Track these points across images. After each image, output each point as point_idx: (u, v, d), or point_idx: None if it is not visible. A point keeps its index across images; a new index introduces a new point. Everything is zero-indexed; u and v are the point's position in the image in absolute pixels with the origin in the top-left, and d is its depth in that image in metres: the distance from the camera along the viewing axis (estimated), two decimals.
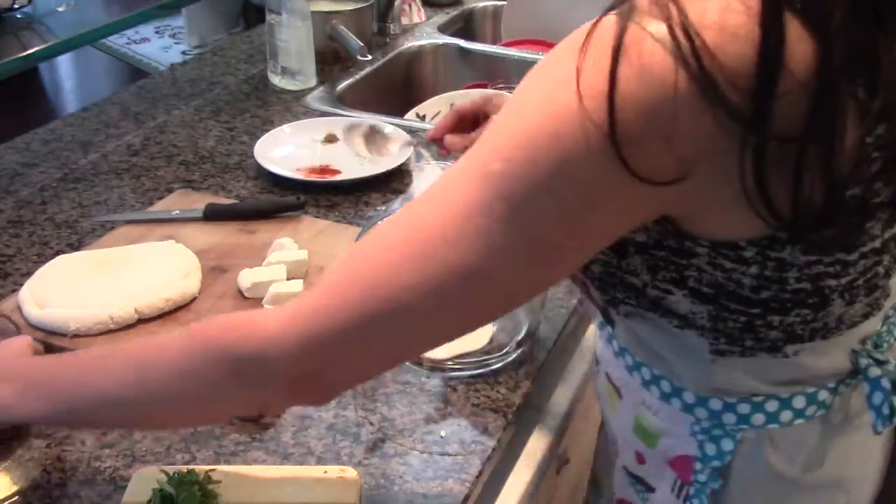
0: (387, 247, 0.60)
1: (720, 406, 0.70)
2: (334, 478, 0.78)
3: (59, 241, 1.16)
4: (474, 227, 0.56)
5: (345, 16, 1.79)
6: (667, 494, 0.77)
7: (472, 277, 0.57)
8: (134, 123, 1.51)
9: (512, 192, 0.55)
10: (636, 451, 0.79)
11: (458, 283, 0.58)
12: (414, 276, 0.58)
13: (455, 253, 0.57)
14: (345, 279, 0.62)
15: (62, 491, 0.79)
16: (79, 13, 1.88)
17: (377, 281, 0.59)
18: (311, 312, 0.62)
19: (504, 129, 0.58)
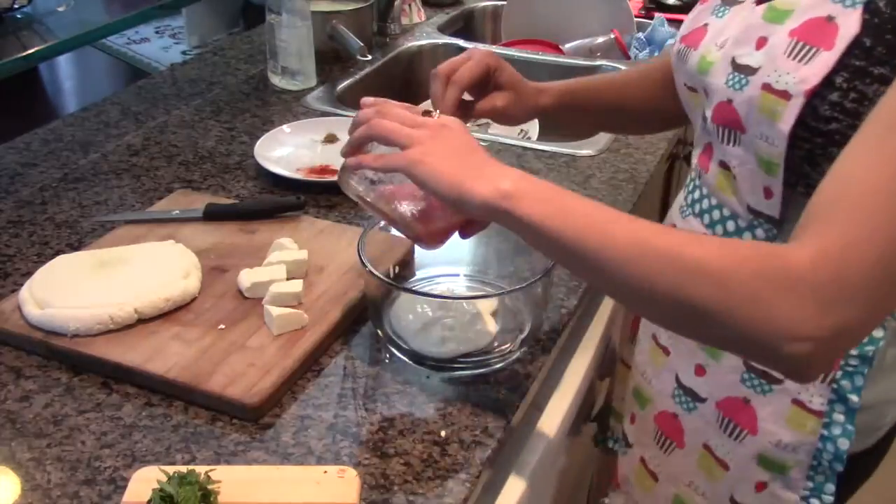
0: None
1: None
2: (334, 478, 0.78)
3: (59, 241, 1.16)
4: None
5: (345, 16, 1.79)
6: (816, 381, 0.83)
7: None
8: (134, 123, 1.51)
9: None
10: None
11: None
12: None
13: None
14: (866, 219, 0.63)
15: (62, 491, 0.79)
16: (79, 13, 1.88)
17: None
18: (841, 253, 0.63)
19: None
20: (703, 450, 0.95)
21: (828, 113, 0.73)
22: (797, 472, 0.88)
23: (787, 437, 0.87)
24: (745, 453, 0.90)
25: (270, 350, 0.93)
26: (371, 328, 1.01)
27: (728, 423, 0.91)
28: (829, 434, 0.85)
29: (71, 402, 0.89)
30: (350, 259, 1.08)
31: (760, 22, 0.80)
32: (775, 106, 0.76)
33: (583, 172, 1.36)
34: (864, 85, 0.72)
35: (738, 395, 0.90)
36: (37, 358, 0.95)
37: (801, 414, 0.86)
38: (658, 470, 1.03)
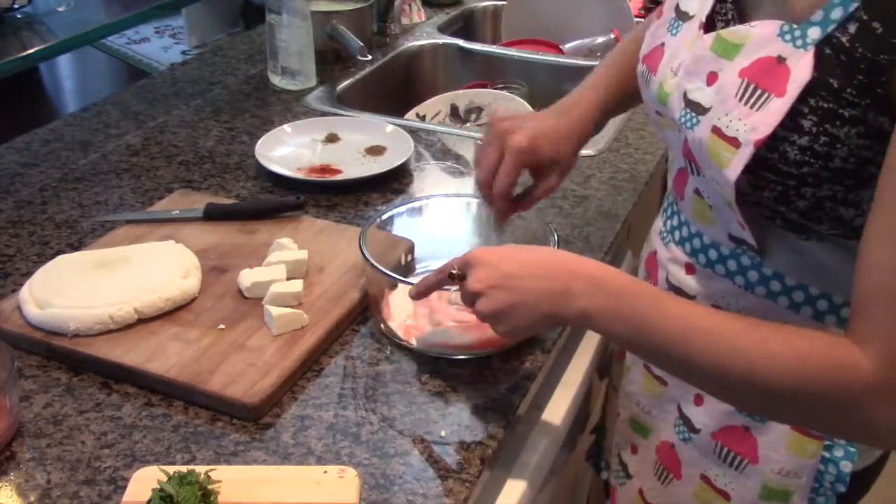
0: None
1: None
2: (334, 478, 0.78)
3: (59, 241, 1.16)
4: None
5: (345, 16, 1.79)
6: None
7: None
8: (134, 123, 1.51)
9: None
10: None
11: None
12: None
13: None
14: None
15: (62, 491, 0.79)
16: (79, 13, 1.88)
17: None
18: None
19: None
20: (701, 481, 0.93)
21: (798, 157, 0.72)
22: (799, 496, 0.87)
23: (788, 463, 0.86)
24: (748, 483, 0.89)
25: (270, 350, 0.93)
26: (371, 328, 1.01)
27: (727, 453, 0.90)
28: (830, 456, 0.84)
29: (71, 402, 0.89)
30: (350, 259, 1.08)
31: (710, 55, 0.78)
32: (723, 152, 0.75)
33: (583, 172, 1.36)
34: (835, 128, 0.70)
35: (737, 423, 0.89)
36: (37, 358, 0.95)
37: (801, 439, 0.85)
38: (656, 502, 1.01)
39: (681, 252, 0.91)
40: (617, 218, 1.25)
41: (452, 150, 1.45)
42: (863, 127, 0.69)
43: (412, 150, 1.37)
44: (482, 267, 0.80)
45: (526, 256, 0.81)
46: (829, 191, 0.73)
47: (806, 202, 0.74)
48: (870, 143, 0.69)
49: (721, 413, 0.89)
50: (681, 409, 0.94)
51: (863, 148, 0.70)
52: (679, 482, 0.96)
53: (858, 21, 0.67)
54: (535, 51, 1.92)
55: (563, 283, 0.77)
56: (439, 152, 1.45)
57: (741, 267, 0.84)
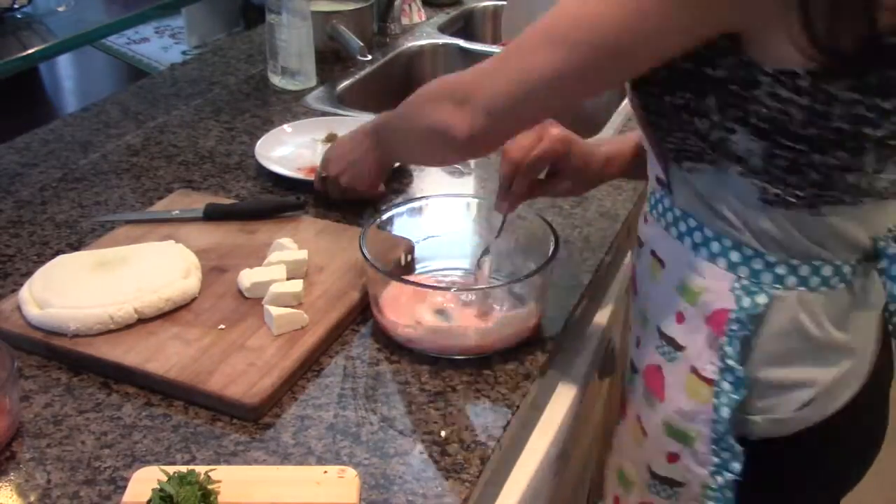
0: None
1: (761, 266, 0.83)
2: (334, 478, 0.78)
3: (59, 241, 1.16)
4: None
5: (345, 16, 1.79)
6: (700, 347, 0.87)
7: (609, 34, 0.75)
8: (134, 123, 1.51)
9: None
10: (677, 311, 0.89)
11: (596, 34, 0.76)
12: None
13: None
14: (502, 54, 0.85)
15: (62, 491, 0.79)
16: (79, 13, 1.88)
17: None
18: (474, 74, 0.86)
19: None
20: (635, 420, 0.97)
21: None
22: (701, 444, 0.88)
23: (685, 404, 0.88)
24: (657, 420, 0.92)
25: (270, 350, 0.93)
26: (371, 328, 1.01)
27: (647, 391, 0.94)
28: (717, 402, 0.86)
29: (71, 402, 0.89)
30: (350, 259, 1.08)
31: None
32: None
33: None
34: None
35: (655, 362, 0.92)
36: (37, 358, 0.95)
37: (696, 381, 0.87)
38: (613, 441, 1.06)
39: (645, 205, 0.97)
40: (617, 218, 1.25)
41: None
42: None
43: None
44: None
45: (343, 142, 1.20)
46: (682, 98, 0.79)
47: (672, 117, 0.81)
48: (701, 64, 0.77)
49: (648, 352, 0.93)
50: (631, 352, 0.99)
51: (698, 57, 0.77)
52: (624, 421, 1.01)
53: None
54: None
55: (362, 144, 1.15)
56: None
57: (664, 208, 0.90)
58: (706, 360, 0.86)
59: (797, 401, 0.87)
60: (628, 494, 1.01)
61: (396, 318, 0.97)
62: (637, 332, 0.97)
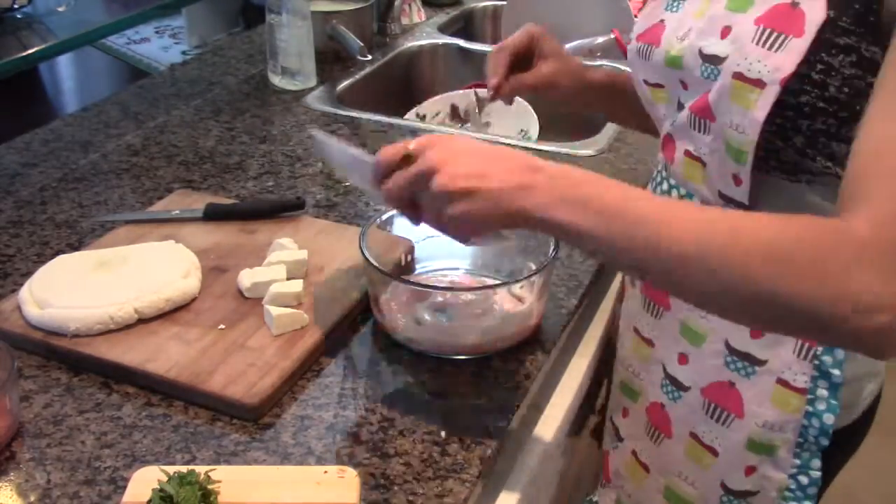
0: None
1: None
2: (334, 478, 0.78)
3: (59, 241, 1.16)
4: None
5: (345, 16, 1.79)
6: (788, 359, 0.85)
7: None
8: (134, 123, 1.51)
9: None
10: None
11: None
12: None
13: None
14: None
15: (62, 491, 0.79)
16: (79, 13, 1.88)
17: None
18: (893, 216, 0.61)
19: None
20: (691, 438, 0.96)
21: (796, 86, 0.76)
22: (784, 451, 0.89)
23: (772, 416, 0.88)
24: (734, 438, 0.91)
25: (270, 350, 0.93)
26: (371, 328, 1.01)
27: (714, 408, 0.92)
28: (813, 410, 0.87)
29: (71, 402, 0.89)
30: (350, 259, 1.08)
31: (724, 12, 0.82)
32: (748, 94, 0.77)
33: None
34: (830, 56, 0.74)
35: (723, 379, 0.91)
36: (37, 358, 0.95)
37: (785, 393, 0.87)
38: (649, 462, 1.03)
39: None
40: None
41: None
42: (856, 55, 0.73)
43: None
44: (442, 147, 0.73)
45: (487, 145, 0.75)
46: (823, 124, 0.77)
47: (802, 137, 0.78)
48: (862, 73, 0.73)
49: (707, 369, 0.92)
50: (665, 369, 0.97)
51: (856, 78, 0.74)
52: (670, 440, 0.98)
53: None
54: None
55: (524, 177, 0.70)
56: None
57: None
58: (797, 370, 0.86)
59: (869, 391, 0.89)
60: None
61: (396, 318, 0.97)
62: (676, 348, 0.95)
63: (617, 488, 1.11)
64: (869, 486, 1.74)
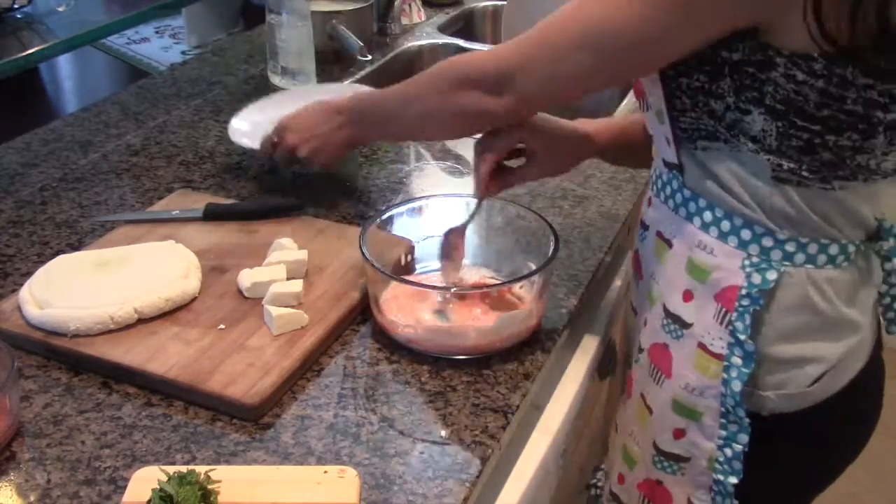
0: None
1: (771, 243, 0.85)
2: (334, 478, 0.78)
3: (59, 241, 1.16)
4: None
5: (345, 16, 1.79)
6: (709, 323, 0.88)
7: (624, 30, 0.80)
8: (134, 123, 1.51)
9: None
10: (685, 289, 0.90)
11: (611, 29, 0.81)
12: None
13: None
14: (535, 30, 0.89)
15: (62, 491, 0.79)
16: (79, 13, 1.88)
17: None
18: (505, 52, 0.91)
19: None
20: (640, 398, 0.98)
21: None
22: (709, 418, 0.90)
23: (694, 380, 0.90)
24: (664, 398, 0.94)
25: (270, 350, 0.93)
26: (371, 328, 1.01)
27: (653, 369, 0.95)
28: (727, 377, 0.87)
29: (71, 402, 0.89)
30: (350, 259, 1.08)
31: None
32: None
33: (583, 172, 1.36)
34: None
35: (661, 340, 0.94)
36: (37, 358, 0.95)
37: (704, 357, 0.89)
38: (617, 421, 1.08)
39: (650, 189, 0.98)
40: (617, 218, 1.25)
41: (452, 150, 1.45)
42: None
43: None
44: (283, 122, 1.19)
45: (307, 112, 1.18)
46: (698, 81, 0.82)
47: (687, 99, 0.83)
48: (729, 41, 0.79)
49: (653, 331, 0.95)
50: (639, 336, 1.00)
51: (719, 45, 0.79)
52: (630, 401, 1.02)
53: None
54: None
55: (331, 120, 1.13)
56: (439, 152, 1.45)
57: (672, 190, 0.92)
58: (715, 335, 0.88)
59: (808, 376, 0.89)
60: (633, 472, 1.02)
61: (396, 318, 0.98)
62: (643, 313, 0.99)
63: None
64: (872, 489, 1.73)
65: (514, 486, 0.92)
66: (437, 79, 0.97)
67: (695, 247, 0.89)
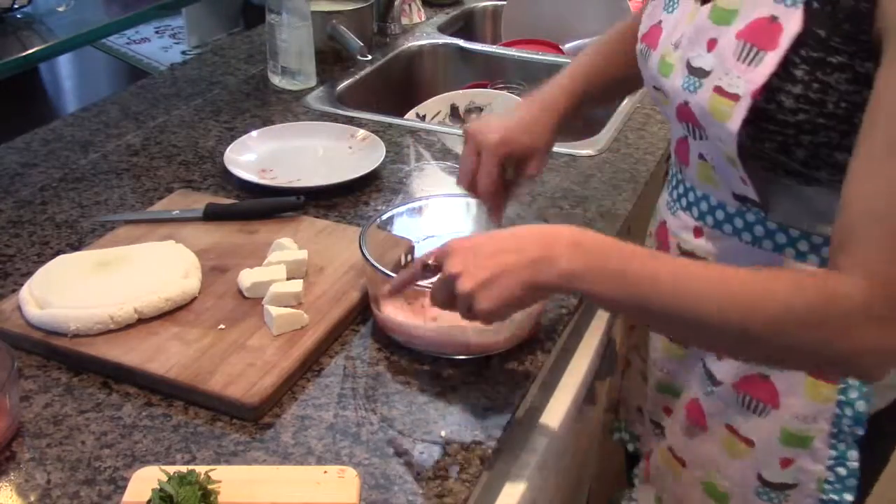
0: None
1: None
2: (334, 478, 0.78)
3: (59, 241, 1.16)
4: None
5: (345, 16, 1.79)
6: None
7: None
8: (134, 123, 1.51)
9: None
10: None
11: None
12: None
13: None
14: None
15: (62, 491, 0.79)
16: (79, 13, 1.88)
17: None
18: (887, 274, 0.69)
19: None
20: (727, 430, 0.96)
21: (793, 105, 0.77)
22: (820, 441, 0.89)
23: (806, 408, 0.89)
24: (769, 428, 0.92)
25: (270, 350, 0.93)
26: (371, 328, 1.01)
27: (749, 400, 0.93)
28: (846, 399, 0.87)
29: (71, 402, 0.89)
30: (350, 259, 1.08)
31: (708, 23, 0.84)
32: (724, 107, 0.80)
33: (583, 172, 1.36)
34: (826, 75, 0.76)
35: (755, 372, 0.92)
36: (37, 358, 0.95)
37: (815, 384, 0.88)
38: (685, 456, 1.03)
39: (689, 217, 0.95)
40: (617, 218, 1.25)
41: (452, 150, 1.45)
42: (851, 73, 0.75)
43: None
44: (458, 252, 0.80)
45: (500, 235, 0.81)
46: (826, 137, 0.78)
47: (804, 150, 0.79)
48: (859, 88, 0.74)
49: (740, 364, 0.92)
50: (705, 364, 0.97)
51: (853, 93, 0.75)
52: (706, 434, 0.98)
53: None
54: (535, 51, 1.91)
55: (542, 249, 0.76)
56: (439, 152, 1.45)
57: (747, 223, 0.89)
58: None
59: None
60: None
61: (396, 318, 0.98)
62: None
63: (656, 486, 1.11)
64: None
65: (514, 486, 0.92)
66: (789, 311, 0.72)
67: None
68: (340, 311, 1.00)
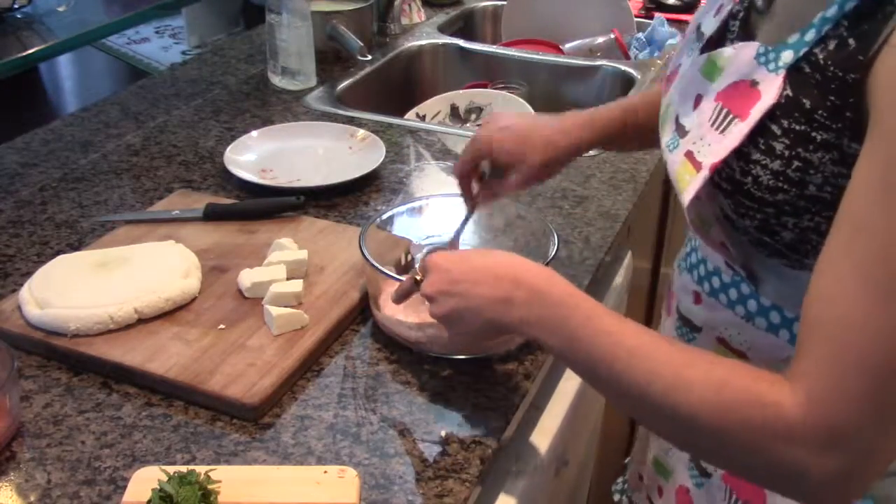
0: (871, 302, 0.59)
1: None
2: (334, 478, 0.78)
3: (59, 241, 1.16)
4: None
5: (345, 16, 1.79)
6: None
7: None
8: (134, 123, 1.51)
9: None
10: None
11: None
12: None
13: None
14: (843, 351, 0.61)
15: (62, 491, 0.79)
16: (79, 13, 1.88)
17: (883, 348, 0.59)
18: (827, 397, 0.61)
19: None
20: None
21: (771, 183, 0.69)
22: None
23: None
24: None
25: (270, 350, 0.93)
26: (371, 328, 1.01)
27: (736, 500, 0.87)
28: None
29: (71, 402, 0.89)
30: (350, 259, 1.08)
31: (699, 77, 0.77)
32: (687, 175, 0.74)
33: (583, 172, 1.36)
34: (808, 152, 0.67)
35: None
36: (37, 358, 0.95)
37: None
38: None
39: (689, 279, 0.89)
40: (617, 218, 1.25)
41: (452, 150, 1.45)
42: (837, 153, 0.66)
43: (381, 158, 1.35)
44: (435, 271, 0.83)
45: (477, 262, 0.81)
46: (811, 222, 0.70)
47: (790, 233, 0.71)
48: (846, 171, 0.64)
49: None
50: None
51: (839, 176, 0.66)
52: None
53: (838, 38, 0.64)
54: (535, 51, 1.92)
55: (506, 290, 0.77)
56: (439, 152, 1.45)
57: (741, 296, 0.82)
58: None
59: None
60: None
61: (396, 318, 0.97)
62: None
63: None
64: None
65: (514, 486, 0.92)
66: (732, 411, 0.66)
67: (781, 361, 0.77)
68: (340, 311, 1.00)
